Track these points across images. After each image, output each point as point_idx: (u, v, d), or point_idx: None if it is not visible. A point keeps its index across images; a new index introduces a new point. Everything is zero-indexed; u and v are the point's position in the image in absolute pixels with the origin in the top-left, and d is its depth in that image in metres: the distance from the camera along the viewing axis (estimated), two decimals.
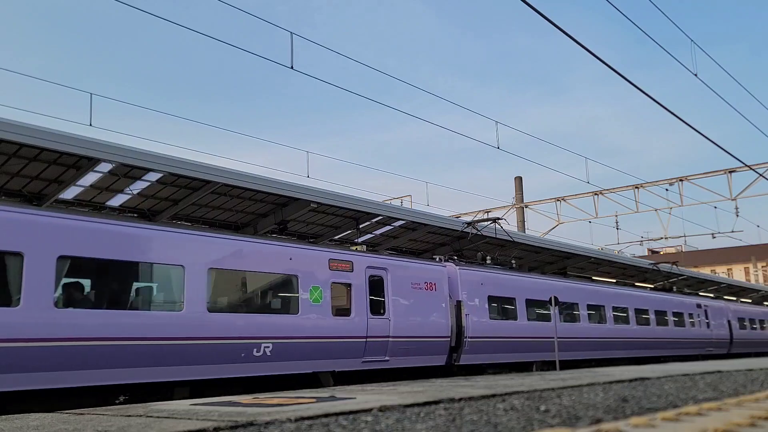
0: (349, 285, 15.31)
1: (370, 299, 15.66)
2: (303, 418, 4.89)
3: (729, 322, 33.40)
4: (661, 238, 33.76)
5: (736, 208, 29.99)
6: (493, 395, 6.73)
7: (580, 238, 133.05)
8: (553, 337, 20.63)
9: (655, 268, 30.00)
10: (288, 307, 14.06)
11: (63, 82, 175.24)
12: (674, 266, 31.03)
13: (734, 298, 42.64)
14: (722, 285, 39.42)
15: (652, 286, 32.97)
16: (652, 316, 26.96)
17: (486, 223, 21.14)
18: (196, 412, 5.57)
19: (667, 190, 30.45)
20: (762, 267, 77.05)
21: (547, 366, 21.12)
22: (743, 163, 19.93)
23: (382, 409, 5.49)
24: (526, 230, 35.30)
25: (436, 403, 6.02)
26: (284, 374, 13.91)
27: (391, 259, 16.75)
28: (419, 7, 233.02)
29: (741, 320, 35.10)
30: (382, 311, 15.85)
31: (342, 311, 15.03)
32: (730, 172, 28.31)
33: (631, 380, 9.01)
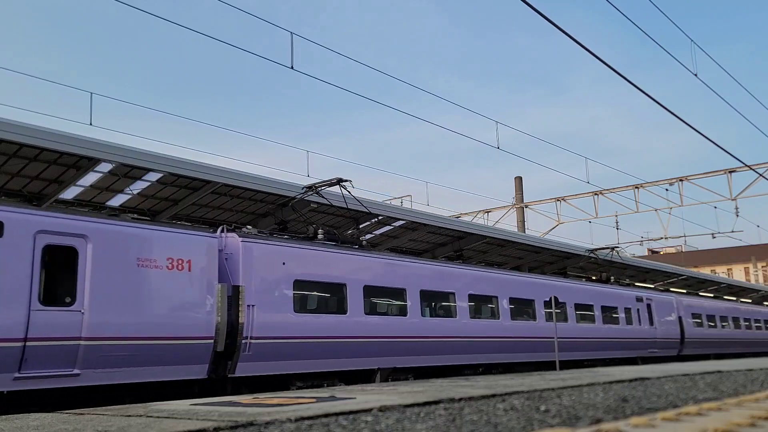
0: None
1: (44, 280, 10.73)
2: (303, 418, 4.89)
3: (680, 318, 28.88)
4: (661, 238, 33.73)
5: (736, 208, 30.01)
6: (493, 395, 6.73)
7: (580, 238, 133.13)
8: (408, 337, 16.16)
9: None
10: None
11: (63, 82, 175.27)
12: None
13: (732, 297, 42.69)
14: (722, 285, 39.41)
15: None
16: (570, 311, 22.32)
17: (327, 187, 16.38)
18: (196, 412, 5.57)
19: (667, 190, 30.48)
20: (762, 267, 77.09)
21: (399, 374, 16.28)
22: (743, 163, 19.94)
23: (382, 409, 5.49)
24: (527, 230, 35.30)
25: (436, 403, 6.02)
26: None
27: (97, 221, 11.35)
28: (419, 8, 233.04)
29: (696, 316, 30.34)
30: (68, 299, 10.86)
31: None
32: (730, 172, 28.33)
33: (631, 380, 9.01)
